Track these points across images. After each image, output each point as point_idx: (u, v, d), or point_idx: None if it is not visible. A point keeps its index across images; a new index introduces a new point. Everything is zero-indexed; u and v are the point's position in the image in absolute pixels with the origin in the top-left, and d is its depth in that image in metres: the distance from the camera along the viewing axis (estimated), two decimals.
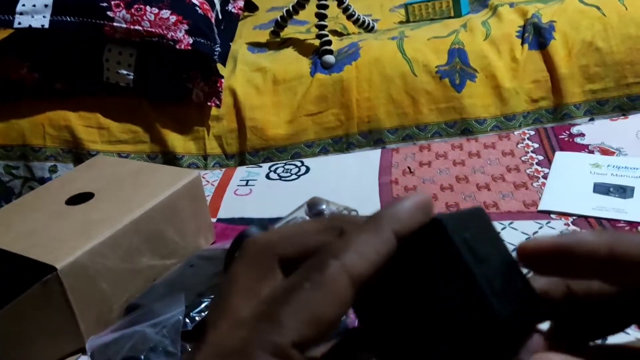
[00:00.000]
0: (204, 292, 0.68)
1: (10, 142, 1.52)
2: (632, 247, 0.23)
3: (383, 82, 1.52)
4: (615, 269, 0.23)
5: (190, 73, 1.48)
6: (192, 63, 1.48)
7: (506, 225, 0.79)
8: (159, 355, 0.59)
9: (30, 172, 1.52)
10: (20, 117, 1.52)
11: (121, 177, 0.79)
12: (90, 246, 0.66)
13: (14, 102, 1.53)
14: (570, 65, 1.49)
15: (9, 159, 1.52)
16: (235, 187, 0.96)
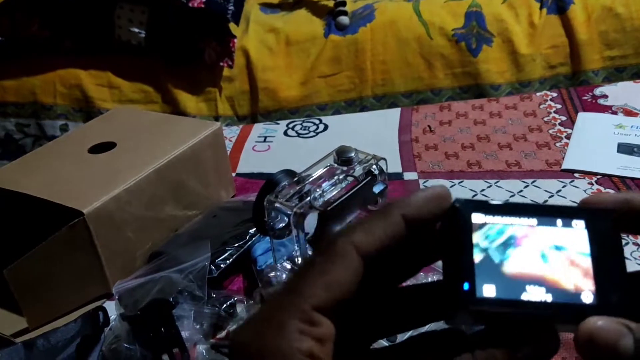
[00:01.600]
0: (227, 240, 0.68)
1: (22, 99, 1.51)
2: None
3: (398, 45, 1.50)
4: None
5: (202, 32, 1.45)
6: (205, 22, 1.45)
7: (529, 184, 0.78)
8: (185, 299, 0.59)
9: (41, 130, 1.51)
10: (31, 74, 1.51)
11: (142, 127, 0.78)
12: (115, 192, 0.65)
13: (24, 59, 1.51)
14: (589, 30, 1.47)
15: (20, 117, 1.51)
16: (253, 144, 0.96)
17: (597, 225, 0.26)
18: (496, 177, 0.80)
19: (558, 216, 0.26)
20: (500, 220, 0.26)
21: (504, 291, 0.25)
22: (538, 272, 0.26)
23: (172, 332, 0.56)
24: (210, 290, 0.63)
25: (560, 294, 0.25)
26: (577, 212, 0.26)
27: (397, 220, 0.26)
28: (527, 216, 0.26)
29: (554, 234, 0.26)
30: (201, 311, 0.60)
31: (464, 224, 0.26)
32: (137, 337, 0.57)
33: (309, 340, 0.24)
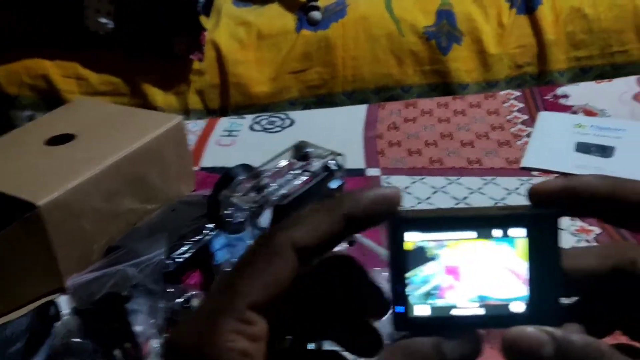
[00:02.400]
0: (186, 234, 0.67)
1: None
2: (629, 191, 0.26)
3: (369, 41, 1.50)
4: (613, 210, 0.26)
5: (172, 24, 1.44)
6: (175, 14, 1.44)
7: (488, 181, 0.79)
8: (140, 293, 0.59)
9: (7, 121, 1.48)
10: None
11: (103, 119, 0.77)
12: (72, 185, 0.64)
13: None
14: (557, 31, 1.49)
15: None
16: (218, 138, 0.95)
17: (538, 233, 0.26)
18: (457, 174, 0.81)
19: (497, 226, 0.26)
20: (435, 237, 0.26)
21: (437, 309, 0.26)
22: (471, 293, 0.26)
23: (124, 326, 0.56)
24: (166, 285, 0.62)
25: (493, 306, 0.26)
26: (518, 219, 0.26)
27: (339, 217, 0.26)
28: (465, 229, 0.26)
29: (492, 246, 0.26)
30: (156, 306, 0.59)
31: (398, 243, 0.26)
32: (89, 332, 0.56)
33: (244, 339, 0.24)
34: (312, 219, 0.26)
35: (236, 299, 0.25)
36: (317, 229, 0.26)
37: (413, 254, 0.26)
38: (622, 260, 0.28)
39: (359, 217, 0.26)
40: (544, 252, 0.26)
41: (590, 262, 0.28)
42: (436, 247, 0.26)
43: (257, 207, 0.54)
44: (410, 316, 0.26)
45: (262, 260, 0.25)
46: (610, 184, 0.26)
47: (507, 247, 0.26)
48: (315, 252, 0.26)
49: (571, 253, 0.28)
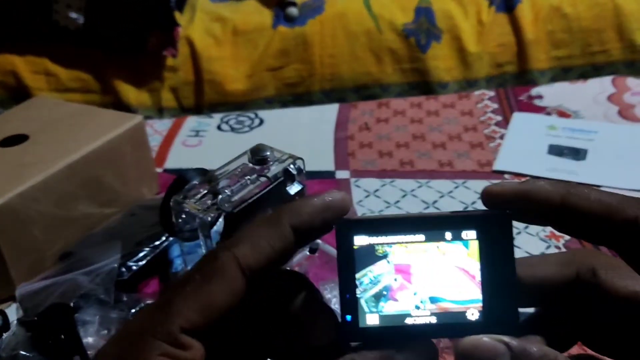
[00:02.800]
0: (142, 240, 0.65)
1: None
2: (581, 199, 0.25)
3: (347, 38, 1.48)
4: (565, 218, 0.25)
5: (145, 20, 1.41)
6: (148, 9, 1.41)
7: (459, 185, 0.77)
8: (91, 303, 0.56)
9: None
10: None
11: (59, 118, 0.74)
12: (21, 189, 0.62)
13: None
14: (536, 30, 1.48)
15: None
16: (184, 138, 0.92)
17: (489, 235, 0.25)
18: (428, 177, 0.79)
19: (447, 228, 0.25)
20: (385, 240, 0.25)
21: (388, 318, 0.25)
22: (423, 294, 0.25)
23: (73, 338, 0.53)
24: (121, 294, 0.60)
25: (446, 313, 0.25)
26: (469, 221, 0.25)
27: (286, 230, 0.24)
28: (414, 232, 0.25)
29: (442, 250, 0.25)
30: (108, 316, 0.57)
31: (347, 248, 0.25)
32: (35, 344, 0.53)
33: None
34: (257, 234, 0.24)
35: (169, 320, 0.23)
36: (263, 245, 0.24)
37: (362, 254, 0.25)
38: (581, 268, 0.27)
39: (306, 227, 0.25)
40: (497, 255, 0.25)
41: (548, 271, 0.27)
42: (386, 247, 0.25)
43: (210, 215, 0.51)
44: (360, 326, 0.25)
45: (202, 279, 0.23)
46: (562, 191, 0.25)
47: (458, 247, 0.25)
48: (264, 268, 0.24)
49: (528, 261, 0.27)
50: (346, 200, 0.25)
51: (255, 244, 0.24)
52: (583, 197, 0.25)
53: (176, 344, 0.23)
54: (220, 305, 0.23)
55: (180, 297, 0.23)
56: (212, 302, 0.23)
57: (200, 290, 0.23)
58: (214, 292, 0.23)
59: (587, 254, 0.27)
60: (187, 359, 0.23)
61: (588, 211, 0.25)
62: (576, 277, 0.27)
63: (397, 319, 0.25)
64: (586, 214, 0.25)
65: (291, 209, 0.25)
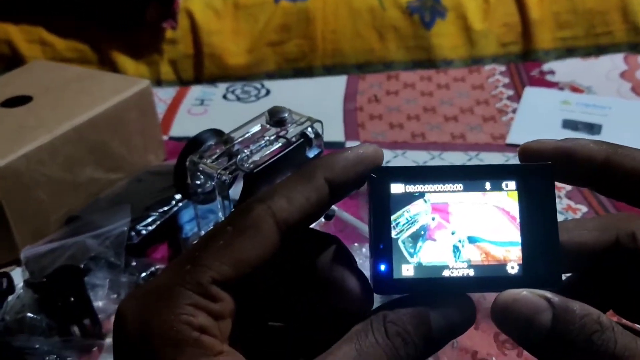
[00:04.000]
0: (152, 205, 0.63)
1: None
2: (628, 158, 0.24)
3: (350, 15, 1.45)
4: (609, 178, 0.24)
5: None
6: None
7: (472, 157, 0.76)
8: (100, 266, 0.54)
9: None
10: None
11: (63, 81, 0.72)
12: (25, 150, 0.59)
13: None
14: (541, 10, 1.46)
15: None
16: (189, 107, 0.90)
17: (530, 187, 0.24)
18: (440, 149, 0.78)
19: (487, 178, 0.24)
20: (422, 189, 0.24)
21: (424, 269, 0.23)
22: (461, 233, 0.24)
23: (82, 301, 0.52)
24: (130, 258, 0.58)
25: (484, 266, 0.23)
26: (509, 172, 0.24)
27: (321, 184, 0.23)
28: (453, 181, 0.24)
29: (480, 200, 0.24)
30: (118, 280, 0.55)
31: (382, 196, 0.24)
32: (43, 306, 0.51)
33: (203, 314, 0.21)
34: (292, 188, 0.23)
35: (199, 272, 0.22)
36: (298, 198, 0.23)
37: (397, 201, 0.24)
38: (621, 233, 0.25)
39: (340, 181, 0.23)
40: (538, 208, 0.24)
41: (586, 236, 0.26)
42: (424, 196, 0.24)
43: (227, 175, 0.49)
44: (394, 277, 0.23)
45: (236, 232, 0.22)
46: (609, 149, 0.24)
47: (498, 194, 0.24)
48: (299, 223, 0.23)
49: (565, 226, 0.26)
50: (379, 153, 0.24)
51: (291, 198, 0.23)
52: (630, 157, 0.24)
53: (206, 295, 0.21)
54: (253, 259, 0.22)
55: (212, 249, 0.22)
56: (245, 255, 0.22)
57: (233, 242, 0.22)
58: (248, 245, 0.22)
59: (627, 218, 0.26)
60: (217, 310, 0.22)
61: (634, 172, 0.24)
62: (615, 242, 0.26)
63: (434, 271, 0.23)
64: (631, 174, 0.24)
65: (325, 162, 0.24)
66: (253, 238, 0.22)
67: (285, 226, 0.22)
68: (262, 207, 0.22)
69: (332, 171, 0.23)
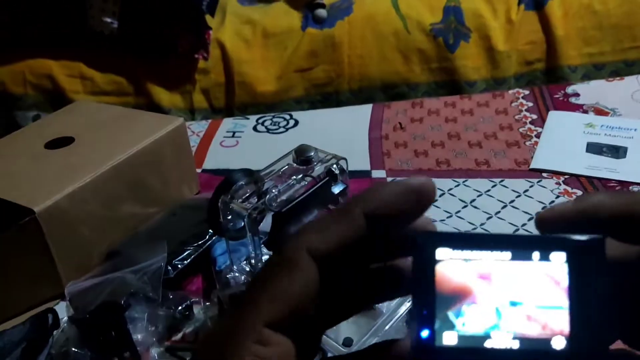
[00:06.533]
0: (186, 240, 0.66)
1: None
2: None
3: (376, 39, 1.48)
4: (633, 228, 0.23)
5: (177, 23, 1.43)
6: (180, 13, 1.43)
7: (497, 183, 0.77)
8: (139, 300, 0.58)
9: (13, 121, 1.48)
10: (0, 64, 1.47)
11: (103, 122, 0.76)
12: (69, 190, 0.63)
13: None
14: (566, 27, 1.46)
15: None
16: (221, 139, 0.94)
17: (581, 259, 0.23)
18: (464, 176, 0.79)
19: (535, 248, 0.23)
20: (469, 255, 0.23)
21: (466, 339, 0.23)
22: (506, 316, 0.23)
23: (122, 335, 0.55)
24: (167, 292, 0.61)
25: (529, 339, 0.23)
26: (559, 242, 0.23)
27: (357, 217, 0.23)
28: (500, 249, 0.24)
29: (528, 270, 0.23)
30: (155, 313, 0.58)
31: (427, 261, 0.23)
32: (86, 341, 0.55)
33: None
34: (325, 221, 0.23)
35: (252, 316, 0.22)
36: (334, 233, 0.23)
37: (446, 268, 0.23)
38: None
39: (382, 213, 0.23)
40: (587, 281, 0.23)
41: None
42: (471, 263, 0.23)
43: (257, 214, 0.52)
44: (437, 345, 0.23)
45: (277, 273, 0.23)
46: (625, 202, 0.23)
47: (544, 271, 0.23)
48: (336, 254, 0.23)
49: None
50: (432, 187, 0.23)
51: (323, 230, 0.23)
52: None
53: (263, 341, 0.22)
54: (295, 297, 0.22)
55: (260, 293, 0.23)
56: (287, 292, 0.22)
57: (273, 281, 0.23)
58: (287, 282, 0.23)
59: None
60: (276, 354, 0.22)
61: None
62: None
63: (477, 341, 0.23)
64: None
65: (363, 195, 0.24)
66: (291, 273, 0.23)
67: (321, 257, 0.23)
68: (295, 242, 0.23)
69: (370, 204, 0.23)
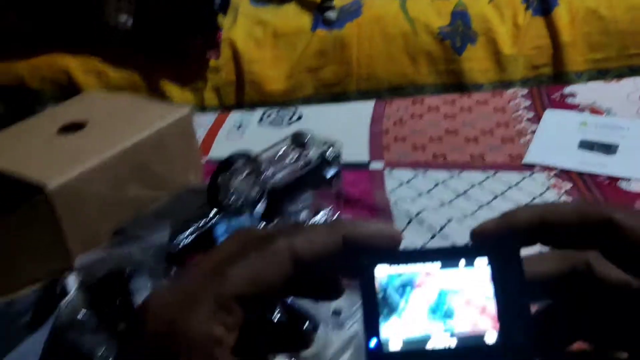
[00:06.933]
0: (190, 219, 0.69)
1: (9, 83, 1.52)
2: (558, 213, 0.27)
3: (384, 40, 1.52)
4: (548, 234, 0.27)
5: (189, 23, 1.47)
6: (192, 12, 1.47)
7: (490, 176, 0.80)
8: (143, 273, 0.61)
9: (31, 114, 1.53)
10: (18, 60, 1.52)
11: (113, 109, 0.80)
12: (80, 170, 0.67)
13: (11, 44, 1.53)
14: (573, 32, 1.49)
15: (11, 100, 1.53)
16: (227, 132, 0.97)
17: (501, 261, 0.27)
18: (459, 168, 0.82)
19: (461, 256, 0.27)
20: (403, 269, 0.27)
21: (409, 343, 0.26)
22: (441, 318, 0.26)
23: (127, 303, 0.58)
24: (171, 266, 0.65)
25: (465, 337, 0.26)
26: (481, 250, 0.27)
27: (337, 236, 0.27)
28: (431, 260, 0.27)
29: (457, 276, 0.27)
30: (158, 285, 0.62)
31: (369, 278, 0.27)
32: (93, 307, 0.58)
33: (220, 326, 0.24)
34: (315, 232, 0.27)
35: (224, 285, 0.25)
36: (317, 242, 0.26)
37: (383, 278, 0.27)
38: (577, 263, 0.29)
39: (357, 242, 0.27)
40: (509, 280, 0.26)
41: (549, 267, 0.29)
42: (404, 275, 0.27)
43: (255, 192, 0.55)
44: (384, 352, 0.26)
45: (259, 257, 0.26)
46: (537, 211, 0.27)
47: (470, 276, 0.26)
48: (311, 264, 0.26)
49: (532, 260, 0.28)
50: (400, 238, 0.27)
51: (311, 240, 0.26)
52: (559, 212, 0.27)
53: (226, 307, 0.25)
54: (267, 283, 0.26)
55: (235, 267, 0.25)
56: (262, 278, 0.25)
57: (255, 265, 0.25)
58: (266, 270, 0.25)
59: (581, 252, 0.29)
60: (231, 322, 0.25)
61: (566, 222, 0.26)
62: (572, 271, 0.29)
63: (419, 344, 0.26)
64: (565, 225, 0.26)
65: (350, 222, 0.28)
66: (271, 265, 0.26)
67: (299, 262, 0.26)
68: (284, 241, 0.26)
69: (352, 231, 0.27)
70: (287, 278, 0.26)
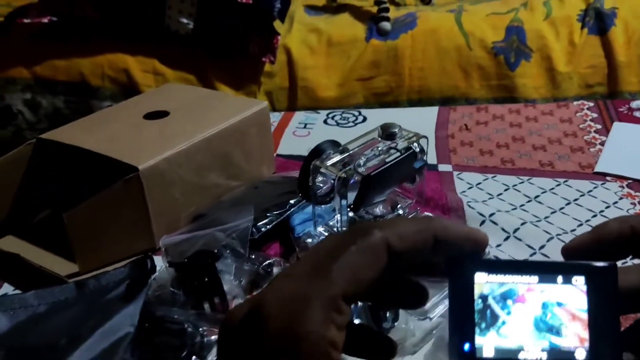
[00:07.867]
0: (269, 208, 0.71)
1: (71, 79, 1.57)
2: None
3: (437, 53, 1.53)
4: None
5: (248, 28, 1.51)
6: (251, 18, 1.51)
7: (561, 183, 0.80)
8: (227, 255, 0.63)
9: (90, 109, 1.57)
10: (81, 56, 1.57)
11: (193, 100, 0.83)
12: (167, 154, 0.69)
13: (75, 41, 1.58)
14: (629, 53, 1.48)
15: (70, 95, 1.58)
16: (293, 129, 0.99)
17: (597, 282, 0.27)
18: (529, 174, 0.83)
19: (559, 273, 0.28)
20: (502, 279, 0.28)
21: (502, 351, 0.27)
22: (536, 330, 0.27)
23: (214, 282, 0.60)
24: (250, 251, 0.66)
25: (556, 351, 0.27)
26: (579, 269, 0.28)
27: (428, 233, 0.27)
28: (529, 274, 0.28)
29: (554, 291, 0.27)
30: (241, 267, 0.63)
31: (467, 283, 0.28)
32: (181, 284, 0.60)
33: (333, 328, 0.25)
34: (408, 226, 0.28)
35: (332, 287, 0.25)
36: (410, 236, 0.27)
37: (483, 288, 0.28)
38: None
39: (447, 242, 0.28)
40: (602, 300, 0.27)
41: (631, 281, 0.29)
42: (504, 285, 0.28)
43: (345, 178, 0.57)
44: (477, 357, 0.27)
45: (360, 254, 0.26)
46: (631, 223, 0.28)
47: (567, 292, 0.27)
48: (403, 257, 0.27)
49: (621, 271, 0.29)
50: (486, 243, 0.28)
51: (404, 234, 0.27)
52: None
53: (337, 309, 0.25)
54: (368, 279, 0.26)
55: (338, 267, 0.26)
56: (363, 276, 0.26)
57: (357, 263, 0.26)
58: (365, 266, 0.26)
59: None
60: (341, 322, 0.26)
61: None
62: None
63: (511, 353, 0.27)
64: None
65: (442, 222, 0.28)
66: (370, 261, 0.26)
67: (394, 254, 0.27)
68: (380, 236, 0.26)
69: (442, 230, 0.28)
70: (381, 272, 0.26)
